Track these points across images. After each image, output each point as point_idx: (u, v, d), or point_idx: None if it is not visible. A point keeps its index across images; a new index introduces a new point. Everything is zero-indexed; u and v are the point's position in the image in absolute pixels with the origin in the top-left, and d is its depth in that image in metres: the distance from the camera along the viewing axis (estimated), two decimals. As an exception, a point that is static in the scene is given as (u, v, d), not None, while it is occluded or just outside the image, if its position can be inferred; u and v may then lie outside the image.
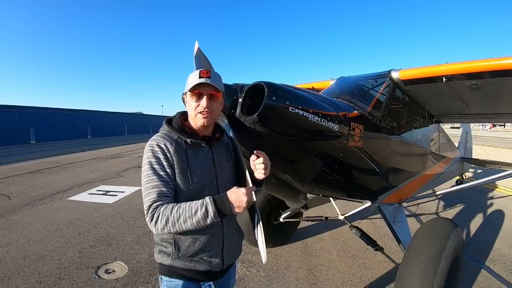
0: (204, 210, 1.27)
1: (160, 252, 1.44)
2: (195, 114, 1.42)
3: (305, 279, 3.48)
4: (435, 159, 4.35)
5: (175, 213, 1.28)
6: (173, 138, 1.42)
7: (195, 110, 1.41)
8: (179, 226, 1.28)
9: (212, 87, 1.40)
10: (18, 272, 3.55)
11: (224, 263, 1.49)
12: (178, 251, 1.40)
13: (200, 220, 1.27)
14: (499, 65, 2.58)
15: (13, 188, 8.13)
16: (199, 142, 1.44)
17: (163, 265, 1.44)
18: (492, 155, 13.19)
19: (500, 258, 4.06)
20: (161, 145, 1.38)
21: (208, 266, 1.43)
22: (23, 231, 4.88)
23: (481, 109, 3.86)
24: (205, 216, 1.27)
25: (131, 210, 6.05)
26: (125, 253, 4.07)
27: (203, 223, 1.28)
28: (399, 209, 3.49)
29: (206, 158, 1.46)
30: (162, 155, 1.36)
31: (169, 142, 1.40)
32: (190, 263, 1.41)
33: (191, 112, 1.44)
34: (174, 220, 1.27)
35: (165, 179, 1.34)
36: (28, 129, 28.77)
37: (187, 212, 1.28)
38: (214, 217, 1.28)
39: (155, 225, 1.29)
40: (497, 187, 8.18)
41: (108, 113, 43.31)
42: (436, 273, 2.16)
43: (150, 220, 1.30)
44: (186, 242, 1.40)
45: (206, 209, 1.27)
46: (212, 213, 1.27)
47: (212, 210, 1.27)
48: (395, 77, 3.17)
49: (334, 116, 2.18)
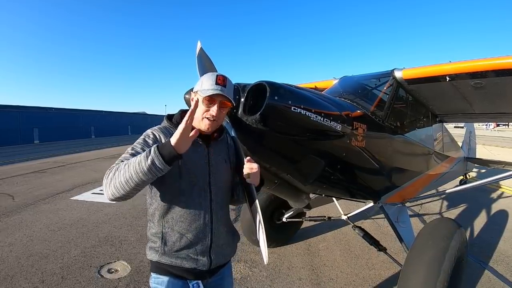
0: (147, 151, 1.20)
1: (150, 249, 1.47)
2: (201, 118, 1.42)
3: (308, 279, 3.46)
4: (438, 158, 4.33)
5: (122, 164, 1.24)
6: (170, 132, 1.43)
7: (202, 114, 1.41)
8: (123, 174, 1.19)
9: (225, 97, 1.40)
10: (21, 271, 3.57)
11: (212, 262, 1.48)
12: (164, 245, 1.42)
13: (141, 160, 1.17)
14: (502, 64, 2.56)
15: (16, 188, 8.17)
16: (196, 140, 1.43)
17: (152, 262, 1.47)
18: (496, 155, 13.11)
19: (504, 259, 4.03)
20: (156, 134, 1.42)
21: (194, 264, 1.44)
22: (26, 231, 4.90)
23: (484, 108, 3.83)
24: (146, 155, 1.18)
25: (134, 210, 6.05)
26: (128, 252, 4.07)
27: (145, 164, 1.16)
28: (402, 209, 3.47)
29: (200, 155, 1.47)
30: (151, 141, 1.39)
31: (164, 135, 1.42)
32: (177, 260, 1.42)
33: (198, 115, 1.42)
34: (120, 168, 1.22)
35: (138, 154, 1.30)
36: (31, 129, 28.91)
37: (133, 159, 1.23)
38: (155, 154, 1.17)
39: (104, 180, 1.25)
40: (501, 187, 8.13)
41: (111, 113, 43.46)
42: (439, 273, 2.14)
43: (104, 180, 1.26)
44: (174, 237, 1.42)
45: (149, 150, 1.20)
46: (153, 150, 1.18)
47: (154, 147, 1.19)
48: (398, 76, 3.15)
49: (337, 115, 2.16)
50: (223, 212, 1.56)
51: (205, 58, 2.09)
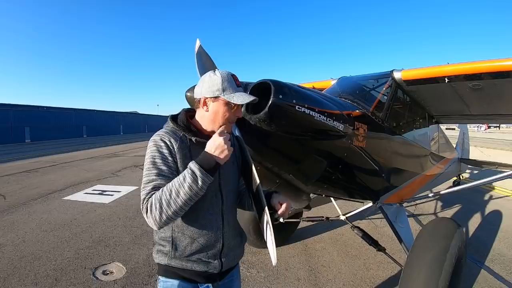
0: (190, 172, 1.20)
1: (158, 252, 1.41)
2: (223, 122, 1.38)
3: (306, 280, 3.45)
4: (434, 159, 4.35)
5: (165, 191, 1.20)
6: (178, 135, 1.37)
7: (224, 119, 1.37)
8: (174, 203, 1.18)
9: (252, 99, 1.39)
10: (14, 273, 3.48)
11: (223, 265, 1.45)
12: (175, 250, 1.36)
13: (191, 184, 1.18)
14: (500, 66, 2.58)
15: (8, 188, 8.02)
16: (204, 141, 1.38)
17: (161, 265, 1.41)
18: (487, 156, 13.30)
19: (499, 258, 4.07)
20: (166, 140, 1.34)
21: (205, 267, 1.39)
22: (19, 231, 4.80)
23: (481, 110, 3.87)
24: (194, 178, 1.19)
25: (128, 210, 5.99)
26: (123, 253, 4.01)
27: (196, 188, 1.19)
28: (400, 209, 3.48)
29: None
30: (166, 150, 1.32)
31: (174, 139, 1.35)
32: (187, 263, 1.37)
33: (217, 118, 1.38)
34: (167, 197, 1.19)
35: (166, 173, 1.29)
36: (23, 127, 28.50)
37: (176, 183, 1.20)
38: (202, 175, 1.20)
39: (151, 214, 1.20)
40: (494, 188, 8.23)
41: (103, 112, 43.09)
42: (441, 273, 2.14)
43: (145, 212, 1.21)
44: (184, 241, 1.36)
45: (192, 170, 1.20)
46: (198, 170, 1.20)
47: (196, 167, 1.20)
48: (397, 77, 3.15)
49: (339, 115, 2.15)
50: (233, 214, 1.53)
51: (205, 56, 2.05)
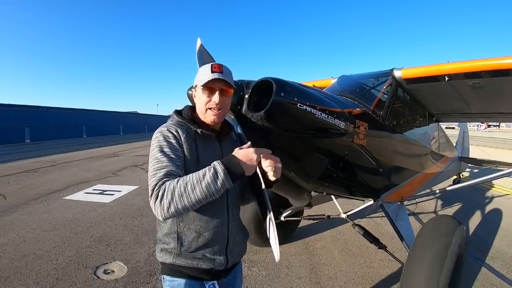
0: (212, 171, 1.17)
1: (162, 250, 1.39)
2: (205, 109, 1.39)
3: (308, 278, 3.45)
4: (435, 158, 4.36)
5: (181, 183, 1.16)
6: (184, 127, 1.38)
7: (205, 106, 1.38)
8: (187, 197, 1.14)
9: (225, 82, 1.37)
10: (15, 272, 3.48)
11: (229, 261, 1.45)
12: (181, 245, 1.35)
13: (210, 183, 1.15)
14: (499, 64, 2.59)
15: (8, 188, 8.02)
16: (209, 134, 1.39)
17: (165, 264, 1.40)
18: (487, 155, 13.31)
19: (500, 256, 4.08)
20: (173, 131, 1.34)
21: (211, 264, 1.39)
22: (19, 231, 4.80)
23: (481, 108, 3.87)
24: (214, 178, 1.16)
25: (129, 210, 5.99)
26: (124, 253, 4.01)
27: (214, 188, 1.16)
28: (401, 207, 3.48)
29: (214, 150, 1.42)
30: (173, 139, 1.31)
31: (181, 130, 1.35)
32: (193, 261, 1.37)
33: (201, 107, 1.40)
34: (181, 190, 1.14)
35: (175, 161, 1.27)
36: (23, 128, 28.46)
37: (194, 178, 1.17)
38: (225, 177, 1.17)
39: (160, 203, 1.15)
40: (494, 186, 8.25)
41: (103, 112, 43.05)
42: (442, 270, 2.15)
43: (155, 199, 1.16)
44: (190, 236, 1.35)
45: (214, 169, 1.18)
46: (222, 172, 1.17)
47: (221, 168, 1.18)
48: (397, 75, 3.16)
49: (340, 113, 2.15)
50: (237, 209, 1.54)
51: (206, 54, 2.05)
